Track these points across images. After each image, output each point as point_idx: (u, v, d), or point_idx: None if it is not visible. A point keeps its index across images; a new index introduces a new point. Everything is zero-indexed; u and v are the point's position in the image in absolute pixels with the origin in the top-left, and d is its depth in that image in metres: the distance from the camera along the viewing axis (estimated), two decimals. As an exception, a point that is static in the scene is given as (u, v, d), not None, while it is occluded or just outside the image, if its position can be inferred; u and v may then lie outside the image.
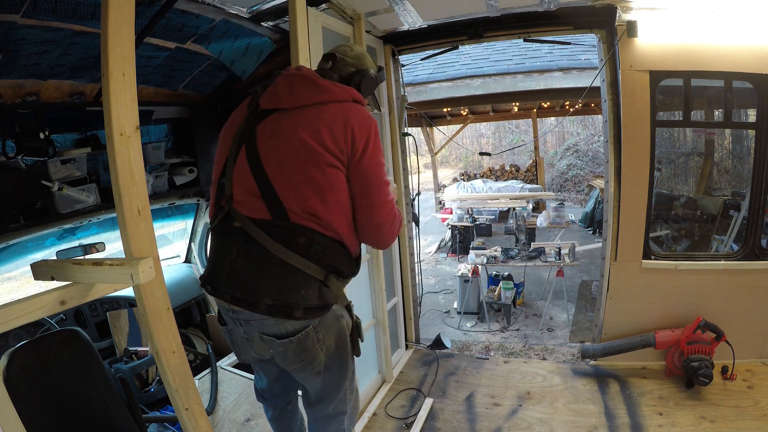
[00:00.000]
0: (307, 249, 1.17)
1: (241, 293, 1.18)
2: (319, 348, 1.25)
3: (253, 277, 1.17)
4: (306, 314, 1.19)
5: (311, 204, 1.16)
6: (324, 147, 1.15)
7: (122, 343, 2.70)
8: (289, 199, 1.16)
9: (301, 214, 1.16)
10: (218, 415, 2.46)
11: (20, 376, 1.39)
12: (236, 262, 1.19)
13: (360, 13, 2.31)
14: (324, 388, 1.36)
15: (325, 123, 1.17)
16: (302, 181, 1.15)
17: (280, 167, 1.17)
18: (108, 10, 1.01)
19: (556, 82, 4.99)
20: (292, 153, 1.16)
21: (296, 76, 1.25)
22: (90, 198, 2.38)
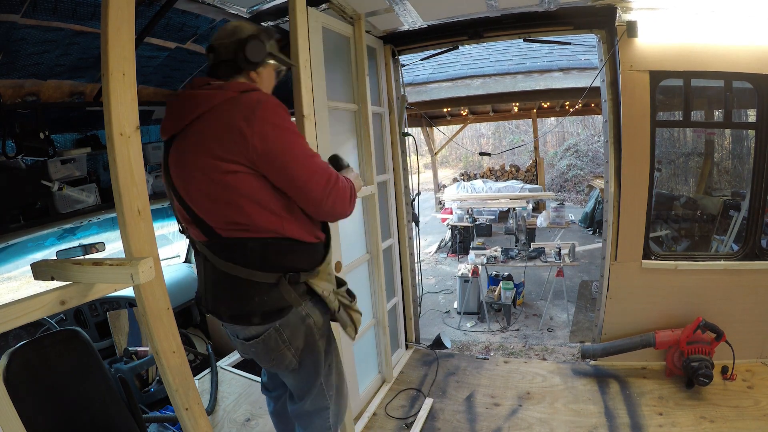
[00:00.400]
0: (245, 258, 1.20)
1: (211, 306, 1.31)
2: (285, 348, 1.30)
3: (215, 291, 1.28)
4: (264, 319, 1.24)
5: (229, 215, 1.17)
6: (217, 157, 1.12)
7: (122, 343, 2.70)
8: (210, 217, 1.19)
9: (226, 227, 1.19)
10: (218, 415, 2.46)
11: (20, 376, 1.39)
12: (205, 280, 1.30)
13: (360, 13, 2.31)
14: (299, 385, 1.43)
15: (211, 132, 1.14)
16: (212, 198, 1.16)
17: (191, 191, 1.19)
18: (108, 10, 1.01)
19: (556, 82, 4.99)
20: (194, 174, 1.16)
21: (175, 96, 1.25)
22: (90, 198, 2.38)
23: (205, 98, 1.17)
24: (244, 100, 1.15)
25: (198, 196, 1.18)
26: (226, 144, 1.12)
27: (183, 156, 1.19)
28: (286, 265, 1.23)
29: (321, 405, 1.46)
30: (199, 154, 1.15)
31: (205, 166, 1.14)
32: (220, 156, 1.12)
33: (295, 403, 1.48)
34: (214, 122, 1.14)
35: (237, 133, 1.11)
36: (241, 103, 1.14)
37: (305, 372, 1.39)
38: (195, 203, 1.20)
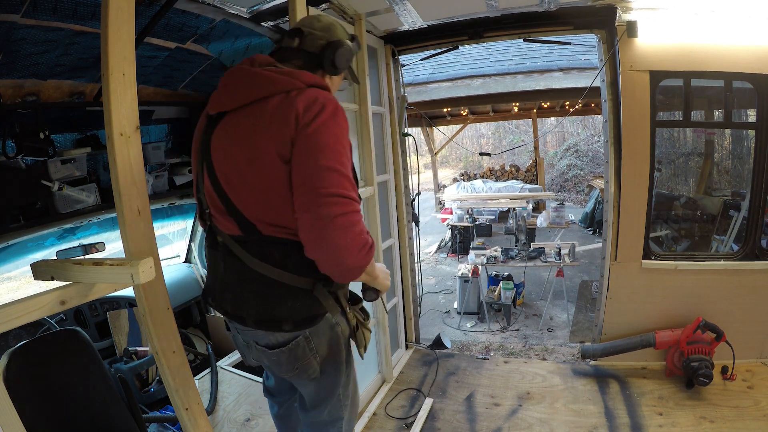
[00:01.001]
0: (284, 261, 1.09)
1: (230, 307, 1.18)
2: (312, 357, 1.21)
3: (239, 291, 1.15)
4: (295, 326, 1.14)
5: (275, 214, 1.06)
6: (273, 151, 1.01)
7: (122, 343, 2.70)
8: (252, 212, 1.07)
9: (270, 225, 1.07)
10: (218, 415, 2.45)
11: (20, 376, 1.39)
12: (225, 276, 1.18)
13: (360, 14, 2.31)
14: (318, 394, 1.34)
15: (269, 120, 1.02)
16: (259, 192, 1.05)
17: (234, 180, 1.08)
18: (108, 10, 1.01)
19: (556, 83, 4.99)
20: (241, 162, 1.05)
21: (236, 72, 1.12)
22: (90, 198, 2.38)
23: (270, 81, 1.06)
24: (312, 93, 1.04)
25: (241, 187, 1.07)
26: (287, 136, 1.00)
27: (233, 138, 1.08)
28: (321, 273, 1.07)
29: (337, 415, 1.38)
30: (254, 141, 1.03)
31: (259, 156, 1.02)
32: (279, 150, 1.00)
33: (309, 412, 1.39)
34: (277, 109, 1.02)
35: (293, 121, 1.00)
36: (308, 95, 1.03)
37: (326, 381, 1.30)
38: (238, 194, 1.08)
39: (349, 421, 1.44)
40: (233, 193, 1.09)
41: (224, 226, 1.14)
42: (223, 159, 1.09)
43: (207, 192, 1.16)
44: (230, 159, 1.07)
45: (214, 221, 1.17)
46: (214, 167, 1.11)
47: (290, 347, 1.17)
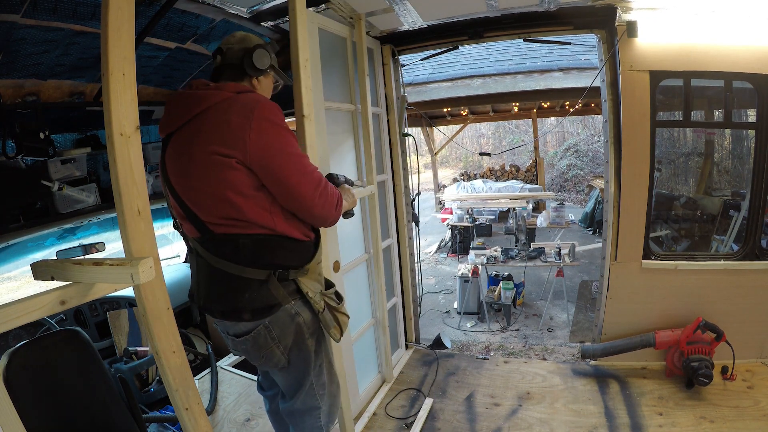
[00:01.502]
0: (236, 254, 1.22)
1: (203, 301, 1.33)
2: (274, 346, 1.31)
3: (207, 287, 1.30)
4: (254, 316, 1.26)
5: (220, 210, 1.19)
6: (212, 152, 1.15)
7: (122, 343, 2.70)
8: (203, 213, 1.22)
9: (218, 222, 1.21)
10: (218, 415, 2.46)
11: (20, 376, 1.39)
12: (197, 275, 1.33)
13: (360, 14, 2.31)
14: (289, 383, 1.45)
15: (207, 129, 1.17)
16: (205, 193, 1.19)
17: (186, 187, 1.22)
18: (108, 10, 1.01)
19: (556, 82, 4.99)
20: (189, 169, 1.19)
21: (174, 96, 1.28)
22: (90, 198, 2.38)
23: (203, 97, 1.21)
24: (242, 99, 1.20)
25: (192, 191, 1.22)
26: (223, 138, 1.15)
27: (179, 151, 1.23)
28: (275, 262, 1.25)
29: (311, 404, 1.47)
30: (195, 148, 1.18)
31: (200, 160, 1.17)
32: (216, 150, 1.15)
33: (286, 401, 1.50)
34: (211, 119, 1.18)
35: (235, 127, 1.15)
36: (238, 101, 1.19)
37: (295, 370, 1.40)
38: (189, 198, 1.23)
39: (328, 413, 1.52)
40: (187, 197, 1.24)
41: (188, 230, 1.30)
42: (176, 170, 1.24)
43: (172, 203, 1.32)
44: (181, 168, 1.22)
45: (183, 228, 1.34)
46: (170, 180, 1.26)
47: (253, 335, 1.29)
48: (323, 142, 2.02)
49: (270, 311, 1.27)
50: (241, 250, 1.21)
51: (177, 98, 1.26)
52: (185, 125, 1.22)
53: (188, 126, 1.21)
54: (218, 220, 1.21)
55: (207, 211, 1.21)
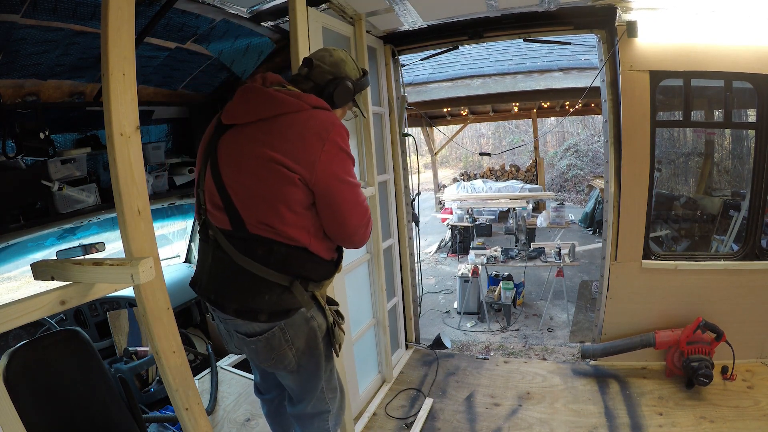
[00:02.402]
0: (266, 258, 1.21)
1: (214, 296, 1.29)
2: (287, 348, 1.30)
3: (223, 282, 1.27)
4: (270, 318, 1.25)
5: (265, 216, 1.18)
6: (277, 161, 1.14)
7: (122, 343, 2.70)
8: (246, 211, 1.20)
9: (258, 225, 1.19)
10: (218, 415, 2.46)
11: (20, 376, 1.39)
12: (212, 267, 1.29)
13: (360, 14, 2.31)
14: (300, 387, 1.43)
15: (277, 137, 1.16)
16: (256, 195, 1.18)
17: (236, 181, 1.20)
18: (108, 10, 1.01)
19: (556, 82, 4.99)
20: (246, 168, 1.18)
21: (251, 89, 1.25)
22: (90, 198, 2.38)
23: (283, 103, 1.19)
24: (320, 116, 1.20)
25: (242, 187, 1.19)
26: (293, 151, 1.14)
27: (240, 145, 1.20)
28: (300, 273, 1.25)
29: (321, 408, 1.47)
30: (259, 149, 1.16)
31: (262, 163, 1.15)
32: (282, 161, 1.14)
33: (295, 405, 1.49)
34: (286, 128, 1.17)
35: (309, 145, 1.15)
36: (317, 117, 1.19)
37: (306, 374, 1.39)
38: (236, 192, 1.20)
39: (336, 415, 1.52)
40: (234, 191, 1.20)
41: (217, 220, 1.26)
42: (228, 160, 1.21)
43: (207, 188, 1.28)
44: (238, 163, 1.19)
45: (209, 216, 1.29)
46: (219, 166, 1.23)
47: (266, 336, 1.27)
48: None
49: (287, 314, 1.26)
50: (273, 255, 1.20)
51: (253, 93, 1.24)
52: (255, 123, 1.20)
53: (259, 124, 1.19)
54: (258, 222, 1.19)
55: (251, 211, 1.19)
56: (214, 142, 1.26)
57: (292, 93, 1.23)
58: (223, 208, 1.23)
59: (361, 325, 2.52)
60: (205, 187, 1.29)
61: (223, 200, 1.22)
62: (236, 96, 1.26)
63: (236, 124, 1.23)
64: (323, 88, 1.32)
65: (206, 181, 1.28)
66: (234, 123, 1.24)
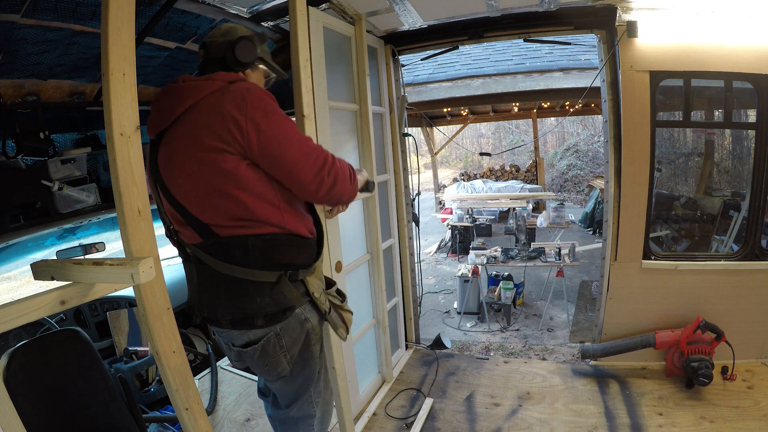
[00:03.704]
0: (245, 257, 1.16)
1: (207, 312, 1.25)
2: (281, 354, 1.26)
3: (212, 295, 1.23)
4: (267, 321, 1.21)
5: (226, 210, 1.13)
6: (211, 148, 1.09)
7: (122, 343, 2.70)
8: (206, 215, 1.15)
9: (225, 224, 1.15)
10: (218, 415, 2.46)
11: (20, 376, 1.39)
12: (198, 285, 1.26)
13: (361, 14, 2.31)
14: (288, 392, 1.40)
15: (201, 124, 1.11)
16: (206, 193, 1.12)
17: (184, 189, 1.15)
18: (108, 10, 1.01)
19: (556, 83, 4.99)
20: (187, 169, 1.13)
21: (164, 92, 1.20)
22: (90, 198, 2.38)
23: (192, 90, 1.14)
24: (232, 89, 1.13)
25: (192, 194, 1.14)
26: (220, 133, 1.09)
27: (174, 152, 1.15)
28: (285, 262, 1.20)
29: (307, 412, 1.44)
30: (192, 147, 1.11)
31: (199, 159, 1.10)
32: (214, 146, 1.09)
33: (280, 409, 1.46)
34: (204, 113, 1.11)
35: (230, 121, 1.09)
36: (230, 91, 1.12)
37: (297, 379, 1.36)
38: (189, 201, 1.16)
39: (321, 420, 1.49)
40: (186, 200, 1.16)
41: (187, 236, 1.22)
42: (171, 172, 1.17)
43: (166, 209, 1.24)
44: (177, 169, 1.15)
45: (180, 235, 1.25)
46: (165, 183, 1.18)
47: (262, 344, 1.23)
48: (327, 142, 2.02)
49: (283, 315, 1.22)
50: (251, 251, 1.15)
51: (165, 94, 1.19)
52: (177, 121, 1.15)
53: (180, 122, 1.14)
54: (224, 221, 1.14)
55: (211, 212, 1.14)
56: (153, 161, 1.21)
57: (202, 78, 1.18)
58: (185, 222, 1.19)
59: (361, 325, 2.52)
60: (164, 209, 1.25)
61: (182, 215, 1.18)
62: (152, 107, 1.22)
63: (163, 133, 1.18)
64: (224, 58, 1.26)
65: (163, 203, 1.23)
66: (159, 131, 1.19)
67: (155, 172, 1.21)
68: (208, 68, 1.28)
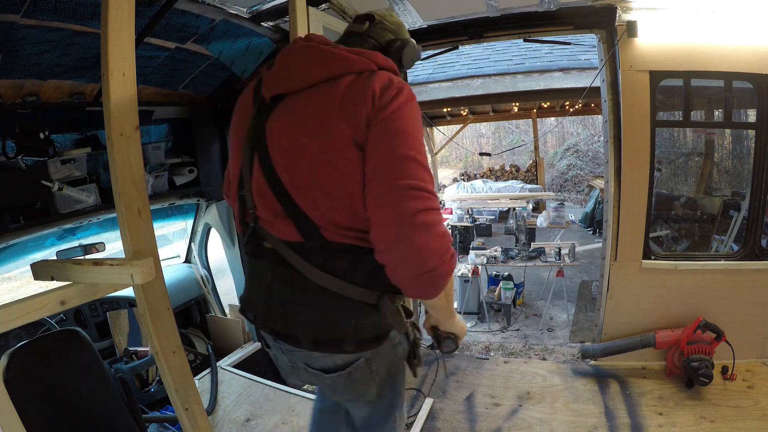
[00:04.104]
0: (352, 272, 0.94)
1: (280, 326, 1.01)
2: (372, 380, 1.05)
3: (293, 307, 0.99)
4: (358, 347, 0.98)
5: (349, 214, 0.90)
6: (346, 133, 0.87)
7: (122, 343, 2.70)
8: (322, 213, 0.91)
9: (339, 229, 0.92)
10: (218, 415, 2.45)
11: (20, 376, 1.39)
12: (272, 288, 1.01)
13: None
14: (373, 417, 1.18)
15: (340, 101, 0.88)
16: (331, 187, 0.90)
17: (298, 176, 0.92)
18: (108, 11, 1.01)
19: (556, 82, 4.99)
20: (310, 151, 0.90)
21: (298, 48, 0.99)
22: (90, 198, 2.38)
23: (343, 60, 0.93)
24: (387, 76, 0.92)
25: (310, 183, 0.91)
26: (358, 120, 0.87)
27: (299, 126, 0.92)
28: (387, 283, 0.90)
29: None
30: (325, 127, 0.89)
31: (339, 143, 0.87)
32: (349, 136, 0.87)
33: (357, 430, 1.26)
34: (345, 91, 0.89)
35: (370, 104, 0.87)
36: (384, 77, 0.91)
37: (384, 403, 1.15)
38: (302, 193, 0.92)
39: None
40: (298, 190, 0.93)
41: (277, 230, 0.98)
42: (285, 150, 0.94)
43: (257, 189, 1.00)
44: (295, 150, 0.92)
45: (262, 224, 1.01)
46: (271, 160, 0.95)
47: (349, 371, 1.01)
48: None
49: (378, 341, 1.00)
50: (360, 266, 0.93)
51: (305, 51, 0.97)
52: (309, 89, 0.93)
53: (315, 90, 0.92)
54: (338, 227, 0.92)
55: (327, 212, 0.91)
56: (259, 127, 0.98)
57: (354, 50, 0.96)
58: (285, 214, 0.95)
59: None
60: (252, 188, 1.00)
61: (283, 204, 0.94)
62: (279, 60, 1.00)
63: (286, 97, 0.96)
64: (385, 47, 1.09)
65: (254, 182, 1.00)
66: (284, 93, 0.97)
67: (258, 140, 0.98)
68: (358, 43, 1.08)
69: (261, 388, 2.70)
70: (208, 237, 3.68)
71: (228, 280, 3.70)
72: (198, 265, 3.74)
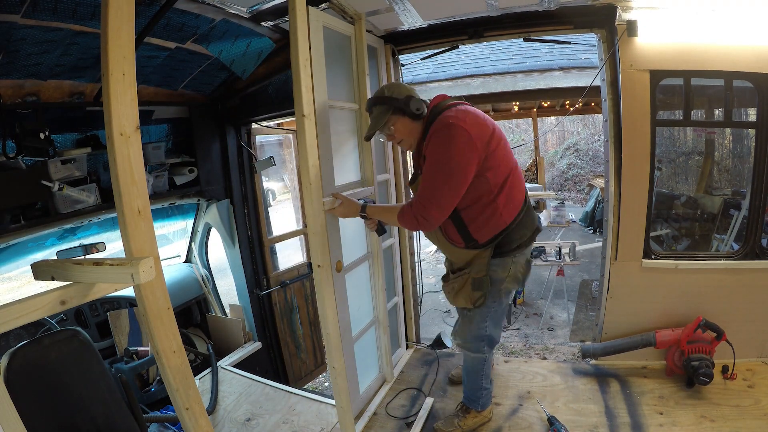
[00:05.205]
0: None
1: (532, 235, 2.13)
2: None
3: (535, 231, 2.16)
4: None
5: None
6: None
7: (123, 342, 2.70)
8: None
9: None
10: (219, 414, 2.46)
11: (20, 376, 1.39)
12: (535, 223, 2.19)
13: (360, 13, 2.30)
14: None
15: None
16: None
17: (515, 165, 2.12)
18: (108, 10, 1.01)
19: (557, 82, 4.99)
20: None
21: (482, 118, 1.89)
22: (90, 198, 2.38)
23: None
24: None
25: (518, 171, 2.15)
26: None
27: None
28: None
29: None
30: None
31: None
32: None
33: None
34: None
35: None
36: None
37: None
38: (521, 175, 2.18)
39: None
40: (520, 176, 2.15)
41: (522, 194, 2.17)
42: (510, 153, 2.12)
43: (517, 176, 2.14)
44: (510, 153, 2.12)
45: (521, 195, 2.18)
46: (510, 162, 2.07)
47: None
48: (327, 141, 2.02)
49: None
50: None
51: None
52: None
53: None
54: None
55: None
56: (499, 142, 1.88)
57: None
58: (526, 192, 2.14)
59: (362, 324, 2.52)
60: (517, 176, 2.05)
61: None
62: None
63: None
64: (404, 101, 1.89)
65: (522, 174, 2.06)
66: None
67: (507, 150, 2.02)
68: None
69: (261, 387, 2.70)
70: (208, 237, 3.68)
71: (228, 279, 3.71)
72: (198, 264, 3.75)
